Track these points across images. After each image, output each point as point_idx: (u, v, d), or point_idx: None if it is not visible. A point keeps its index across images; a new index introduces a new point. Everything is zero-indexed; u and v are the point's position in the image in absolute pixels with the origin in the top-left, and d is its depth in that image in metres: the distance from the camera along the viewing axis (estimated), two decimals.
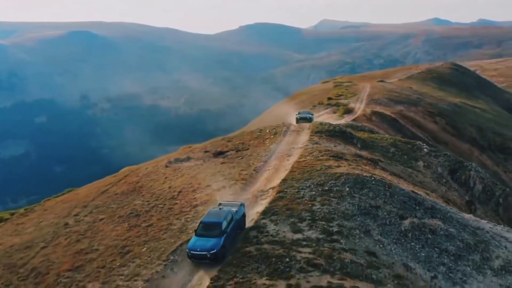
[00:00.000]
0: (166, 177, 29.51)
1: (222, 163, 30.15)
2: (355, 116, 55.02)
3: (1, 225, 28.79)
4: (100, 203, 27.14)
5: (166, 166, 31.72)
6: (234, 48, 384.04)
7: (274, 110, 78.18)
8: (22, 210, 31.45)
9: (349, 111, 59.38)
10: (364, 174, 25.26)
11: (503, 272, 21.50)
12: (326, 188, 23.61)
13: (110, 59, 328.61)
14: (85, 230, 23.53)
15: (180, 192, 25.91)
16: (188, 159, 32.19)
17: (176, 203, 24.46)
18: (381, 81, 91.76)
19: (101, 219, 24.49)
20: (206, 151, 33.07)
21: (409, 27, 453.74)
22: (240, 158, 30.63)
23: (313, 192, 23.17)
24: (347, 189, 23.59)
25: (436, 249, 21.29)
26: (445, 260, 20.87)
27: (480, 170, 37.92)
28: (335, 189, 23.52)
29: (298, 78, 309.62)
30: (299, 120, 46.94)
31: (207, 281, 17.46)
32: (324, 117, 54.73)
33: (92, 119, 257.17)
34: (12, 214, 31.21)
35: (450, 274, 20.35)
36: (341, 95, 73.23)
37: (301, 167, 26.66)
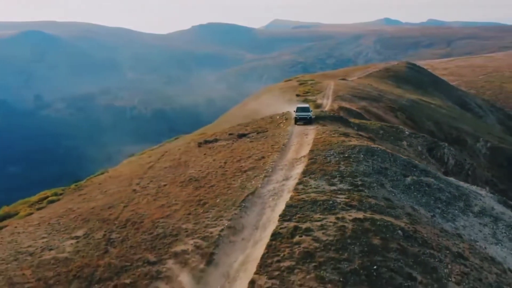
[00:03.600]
0: (204, 154, 35.36)
1: (251, 141, 36.31)
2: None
3: (62, 197, 33.92)
4: (154, 175, 32.76)
5: (199, 146, 37.52)
6: (187, 48, 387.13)
7: (243, 108, 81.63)
8: (73, 186, 36.55)
9: (318, 106, 63.45)
10: (372, 145, 32.05)
11: (481, 214, 28.66)
12: (346, 155, 30.26)
13: (63, 59, 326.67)
14: (156, 192, 29.20)
15: (225, 162, 31.90)
16: (216, 140, 38.14)
17: (226, 170, 30.46)
18: (343, 79, 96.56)
19: (164, 185, 30.18)
20: (230, 134, 39.08)
21: (360, 27, 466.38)
22: (264, 138, 36.88)
23: (337, 158, 29.76)
24: (362, 156, 30.31)
25: (432, 197, 28.22)
26: (439, 205, 27.81)
27: (451, 149, 45.56)
28: (353, 156, 30.19)
29: (252, 78, 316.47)
30: (298, 120, 43.47)
31: (275, 218, 23.60)
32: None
33: (46, 119, 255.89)
34: (63, 190, 36.32)
35: (443, 215, 27.27)
36: (308, 92, 77.72)
37: (321, 141, 33.24)
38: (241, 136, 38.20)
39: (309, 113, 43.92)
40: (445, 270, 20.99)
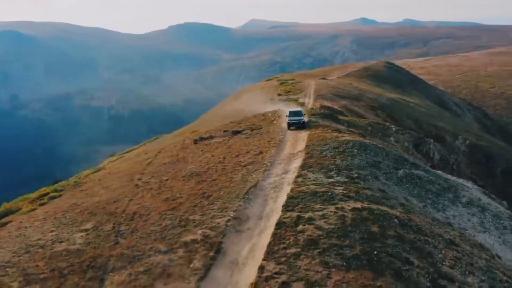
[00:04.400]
0: (202, 150, 36.43)
1: (247, 138, 37.49)
2: None
3: (63, 193, 34.62)
4: (154, 171, 33.73)
5: (195, 143, 38.57)
6: (164, 48, 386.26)
7: (225, 107, 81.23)
8: (72, 182, 37.26)
9: (300, 105, 62.34)
10: (364, 140, 33.49)
11: (469, 205, 30.30)
12: (341, 149, 31.64)
13: (39, 59, 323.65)
14: (158, 187, 30.18)
15: (224, 158, 33.02)
16: (212, 137, 39.22)
17: (226, 165, 31.58)
18: (323, 78, 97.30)
19: (166, 180, 31.17)
20: (225, 131, 40.21)
21: (337, 27, 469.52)
22: (259, 134, 38.09)
23: (332, 153, 31.12)
24: (356, 150, 31.72)
25: (423, 189, 29.76)
26: (430, 196, 29.37)
27: (436, 144, 47.39)
28: (347, 150, 31.59)
29: (229, 78, 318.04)
30: (292, 125, 41.77)
31: (278, 209, 24.83)
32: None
33: (23, 119, 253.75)
34: (62, 187, 37.00)
35: (434, 205, 28.82)
36: (289, 91, 77.98)
37: (316, 137, 34.61)
38: (236, 133, 39.32)
39: (302, 117, 42.31)
40: (439, 255, 22.43)
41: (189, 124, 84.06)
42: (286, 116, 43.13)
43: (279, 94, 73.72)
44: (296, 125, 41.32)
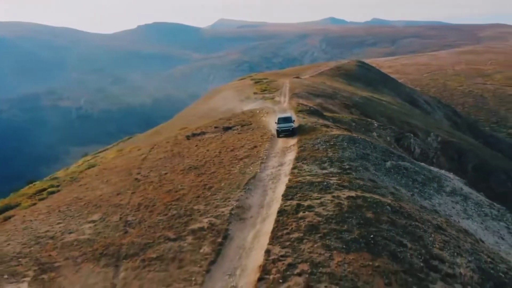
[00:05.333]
0: (196, 145, 37.65)
1: (239, 133, 38.87)
2: None
3: (62, 189, 35.48)
4: (151, 165, 34.82)
5: (188, 138, 39.77)
6: (133, 48, 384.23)
7: (200, 106, 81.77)
8: (68, 178, 38.09)
9: (276, 104, 63.12)
10: (353, 135, 35.27)
11: (452, 194, 32.36)
12: (332, 143, 33.33)
13: (6, 59, 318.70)
14: (159, 180, 31.33)
15: (220, 152, 34.36)
16: (204, 133, 40.49)
17: (222, 159, 32.92)
18: (297, 77, 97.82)
19: (165, 173, 32.33)
20: (215, 127, 41.51)
21: (305, 26, 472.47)
22: (251, 130, 39.51)
23: (324, 146, 32.79)
24: (346, 144, 33.46)
25: (410, 179, 31.66)
26: (417, 186, 31.29)
27: (416, 139, 49.60)
28: (337, 143, 33.30)
29: (198, 77, 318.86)
30: (281, 132, 38.47)
31: (278, 198, 26.35)
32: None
33: None
34: (58, 182, 37.82)
35: (421, 194, 30.75)
36: (265, 90, 78.43)
37: (307, 132, 36.24)
38: (227, 129, 40.64)
39: (291, 124, 39.19)
40: (430, 239, 24.27)
41: (161, 124, 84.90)
42: (275, 122, 39.78)
43: (255, 93, 74.13)
44: (286, 133, 38.10)
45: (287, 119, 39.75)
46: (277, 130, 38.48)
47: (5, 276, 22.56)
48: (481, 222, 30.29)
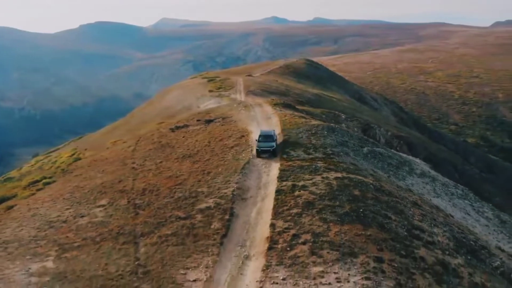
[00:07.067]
0: (183, 136, 39.78)
1: (222, 125, 41.29)
2: None
3: (57, 179, 36.89)
4: (144, 155, 36.74)
5: (173, 131, 41.84)
6: (75, 47, 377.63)
7: (154, 105, 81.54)
8: (59, 170, 39.47)
9: (237, 102, 60.99)
10: (331, 124, 38.47)
11: (422, 176, 36.11)
12: (313, 132, 36.39)
13: None
14: (156, 168, 33.41)
15: (209, 142, 36.70)
16: (187, 126, 42.68)
17: (213, 148, 35.32)
18: (249, 75, 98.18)
19: (160, 162, 34.41)
20: (198, 120, 43.75)
21: (248, 25, 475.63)
22: (234, 122, 41.97)
23: (307, 134, 35.81)
24: (326, 132, 36.60)
25: (385, 163, 35.14)
26: (391, 168, 34.79)
27: (381, 130, 53.46)
28: (318, 132, 36.39)
29: (142, 77, 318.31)
30: (261, 152, 33.34)
31: (273, 180, 29.12)
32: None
33: None
34: (51, 174, 39.14)
35: (396, 175, 34.28)
36: (220, 87, 78.21)
37: (288, 122, 39.14)
38: (209, 121, 42.91)
39: (272, 144, 33.70)
40: (410, 212, 27.66)
41: (109, 125, 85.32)
42: (256, 140, 34.57)
43: (210, 91, 74.35)
44: (267, 153, 33.18)
45: (268, 137, 34.28)
46: (257, 150, 33.57)
47: (28, 257, 24.22)
48: (449, 200, 34.12)
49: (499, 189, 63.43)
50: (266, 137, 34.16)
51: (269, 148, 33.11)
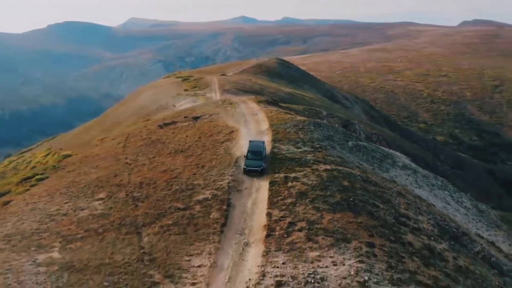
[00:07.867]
0: (173, 132, 40.69)
1: (210, 121, 42.37)
2: None
3: (50, 175, 37.44)
4: (135, 151, 37.53)
5: (161, 127, 42.73)
6: (44, 47, 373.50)
7: (128, 105, 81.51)
8: (51, 167, 40.03)
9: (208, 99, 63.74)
10: (316, 120, 40.00)
11: (404, 168, 37.93)
12: (300, 127, 37.84)
13: None
14: (150, 163, 34.32)
15: (200, 137, 37.75)
16: (175, 122, 43.63)
17: (204, 143, 36.40)
18: (223, 74, 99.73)
19: (153, 157, 35.30)
20: (185, 116, 44.72)
21: (217, 25, 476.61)
22: (221, 118, 43.03)
23: (294, 129, 37.23)
24: (312, 127, 38.10)
25: (369, 156, 36.83)
26: (375, 161, 36.50)
27: (361, 126, 55.35)
28: (305, 127, 37.87)
29: (111, 77, 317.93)
30: (248, 172, 30.97)
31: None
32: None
33: None
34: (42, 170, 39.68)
35: (380, 167, 35.99)
36: (195, 86, 78.98)
37: (275, 118, 40.49)
38: (196, 118, 43.88)
39: (261, 163, 31.25)
40: (396, 201, 29.34)
41: (82, 125, 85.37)
42: (244, 156, 32.15)
43: (185, 90, 74.84)
44: (255, 173, 30.87)
45: (257, 153, 31.83)
46: (244, 168, 31.25)
47: (33, 248, 24.96)
48: (430, 190, 36.03)
49: (468, 185, 66.01)
50: (254, 153, 31.78)
51: (256, 169, 30.84)
